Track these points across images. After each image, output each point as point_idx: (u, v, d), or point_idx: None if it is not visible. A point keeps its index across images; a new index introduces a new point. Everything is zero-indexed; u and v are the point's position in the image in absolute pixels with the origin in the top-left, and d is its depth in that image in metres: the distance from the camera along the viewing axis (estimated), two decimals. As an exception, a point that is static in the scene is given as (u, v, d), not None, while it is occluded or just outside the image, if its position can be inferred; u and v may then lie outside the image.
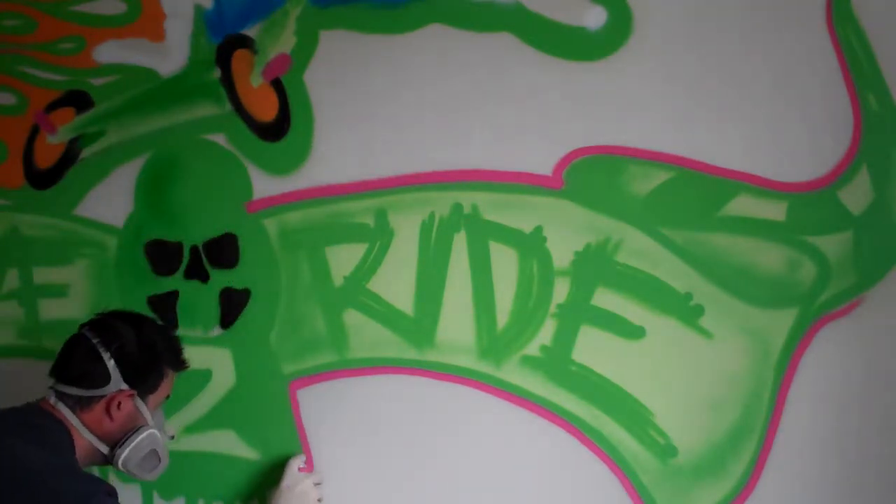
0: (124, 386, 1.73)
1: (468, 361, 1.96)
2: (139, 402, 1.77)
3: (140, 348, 1.77)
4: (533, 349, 1.94)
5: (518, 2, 1.90)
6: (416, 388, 1.99)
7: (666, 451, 1.91)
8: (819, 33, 1.82)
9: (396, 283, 1.98)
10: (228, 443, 2.04)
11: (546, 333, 1.94)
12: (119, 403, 1.73)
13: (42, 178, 2.11)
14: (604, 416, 1.92)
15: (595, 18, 1.88)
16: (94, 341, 1.74)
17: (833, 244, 1.85)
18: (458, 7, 1.92)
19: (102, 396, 1.72)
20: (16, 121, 2.11)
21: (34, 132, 2.11)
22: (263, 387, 2.04)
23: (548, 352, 1.94)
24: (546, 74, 1.90)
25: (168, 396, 1.86)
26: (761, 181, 1.86)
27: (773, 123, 1.85)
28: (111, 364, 1.72)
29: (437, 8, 1.93)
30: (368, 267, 1.99)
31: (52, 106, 2.10)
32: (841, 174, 1.84)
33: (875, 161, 1.83)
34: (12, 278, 2.13)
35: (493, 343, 1.96)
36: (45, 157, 2.10)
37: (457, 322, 1.96)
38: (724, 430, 1.89)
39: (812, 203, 1.85)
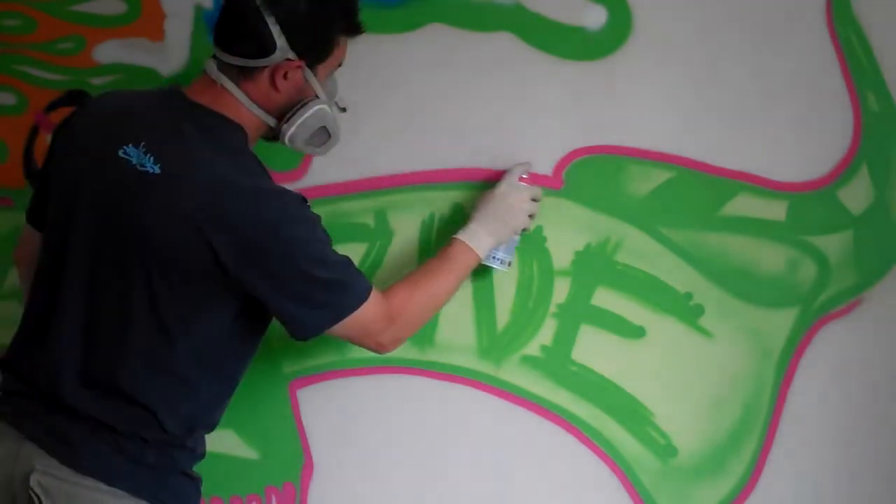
0: (291, 55, 1.53)
1: (468, 361, 1.96)
2: (308, 72, 1.57)
3: (310, 13, 1.53)
4: (533, 349, 1.94)
5: (518, 2, 1.90)
6: (416, 387, 1.99)
7: (666, 451, 1.91)
8: (819, 33, 1.82)
9: (396, 283, 1.98)
10: (228, 442, 2.04)
11: (546, 333, 1.94)
12: (286, 74, 1.54)
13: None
14: (604, 416, 1.92)
15: (595, 18, 1.88)
16: (257, 2, 1.51)
17: (833, 244, 1.85)
18: (458, 7, 1.92)
19: (266, 66, 1.53)
20: (16, 121, 2.11)
21: (34, 132, 2.11)
22: (263, 387, 2.04)
23: (548, 351, 1.93)
24: (546, 74, 1.90)
25: (340, 64, 1.66)
26: (761, 181, 1.86)
27: (773, 123, 1.85)
28: (276, 30, 1.50)
29: (437, 8, 1.93)
30: (368, 267, 1.99)
31: (52, 106, 2.10)
32: (841, 174, 1.84)
33: (875, 161, 1.83)
34: (12, 278, 2.13)
35: (493, 343, 1.96)
36: (45, 157, 2.10)
37: (457, 322, 1.96)
38: (725, 429, 1.89)
39: (812, 203, 1.85)
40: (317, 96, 1.60)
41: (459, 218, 1.93)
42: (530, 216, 1.81)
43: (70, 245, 1.55)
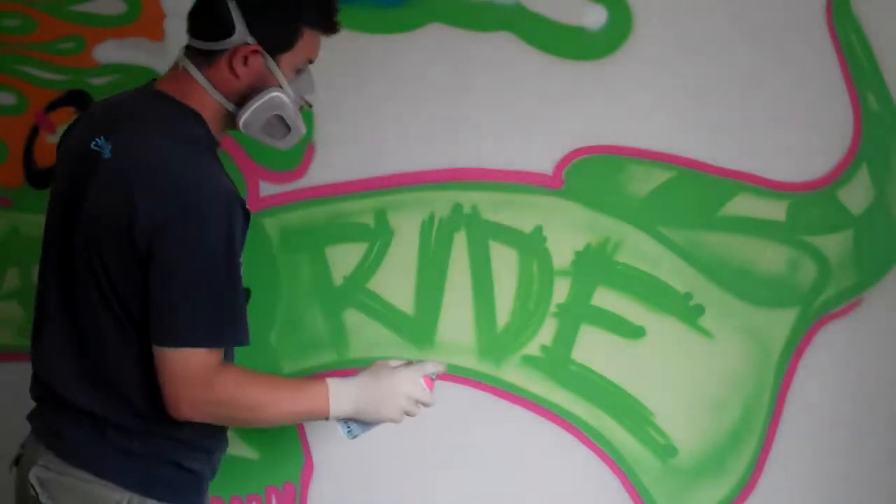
0: (250, 39, 1.50)
1: (468, 361, 1.96)
2: (269, 60, 1.53)
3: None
4: (533, 349, 1.94)
5: (518, 2, 1.90)
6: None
7: (666, 450, 1.91)
8: (819, 33, 1.82)
9: (396, 283, 1.98)
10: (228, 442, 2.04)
11: (546, 333, 1.94)
12: (245, 59, 1.51)
13: (42, 178, 2.10)
14: (604, 416, 1.92)
15: (595, 18, 1.88)
16: None
17: (833, 244, 1.85)
18: (458, 7, 1.92)
19: (226, 50, 1.51)
20: (16, 121, 2.11)
21: (34, 132, 2.11)
22: (263, 387, 2.03)
23: (548, 351, 1.94)
24: (546, 74, 1.90)
25: (311, 61, 1.61)
26: (761, 181, 1.86)
27: (773, 123, 1.85)
28: (237, 14, 1.49)
29: (437, 8, 1.93)
30: (368, 267, 1.99)
31: (52, 106, 2.10)
32: (841, 174, 1.84)
33: (875, 161, 1.83)
34: (12, 278, 2.13)
35: (493, 343, 1.96)
36: (45, 157, 2.10)
37: (457, 322, 1.96)
38: (725, 429, 1.89)
39: (812, 203, 1.85)
40: (279, 86, 1.56)
41: (459, 218, 1.93)
42: (406, 413, 1.61)
43: (46, 242, 1.57)
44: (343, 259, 2.00)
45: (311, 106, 1.65)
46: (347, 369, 2.00)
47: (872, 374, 1.85)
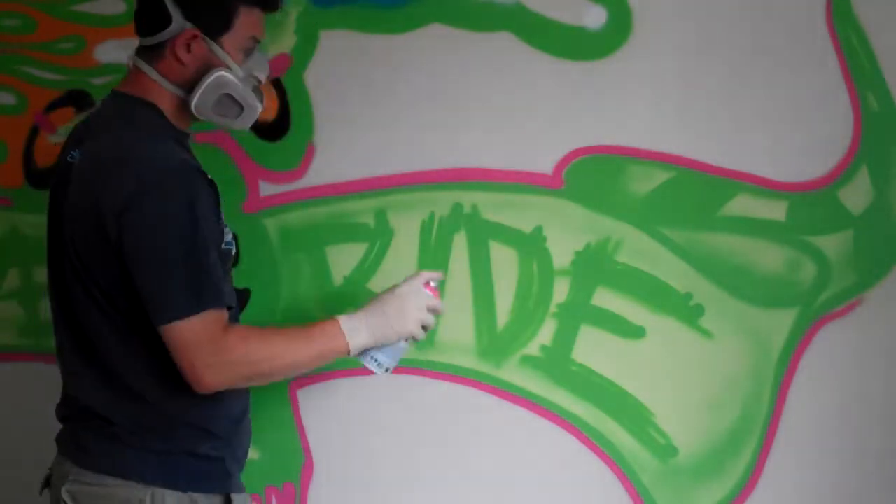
0: (188, 25, 1.54)
1: (468, 361, 1.96)
2: (211, 44, 1.56)
3: None
4: (533, 349, 1.94)
5: (518, 2, 1.90)
6: (416, 387, 1.98)
7: (666, 451, 1.91)
8: (819, 33, 1.82)
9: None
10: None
11: (546, 333, 1.94)
12: (188, 46, 1.55)
13: (42, 178, 2.10)
14: (604, 416, 1.92)
15: (595, 18, 1.88)
16: None
17: (833, 244, 1.85)
18: (458, 7, 1.92)
19: (168, 40, 1.55)
20: (16, 121, 2.11)
21: (34, 132, 2.11)
22: (263, 387, 2.03)
23: (548, 352, 1.94)
24: (546, 74, 1.90)
25: (257, 39, 1.62)
26: (761, 181, 1.86)
27: (773, 123, 1.85)
28: (171, 3, 1.53)
29: (437, 8, 1.93)
30: (368, 267, 1.99)
31: (52, 106, 2.10)
32: (841, 174, 1.84)
33: (875, 161, 1.83)
34: (12, 278, 2.13)
35: (493, 343, 1.96)
36: (45, 157, 2.10)
37: (457, 322, 1.96)
38: (725, 429, 1.89)
39: (812, 203, 1.85)
40: (226, 67, 1.58)
41: (459, 218, 1.93)
42: (424, 328, 1.61)
43: (48, 261, 1.63)
44: (343, 259, 2.00)
45: (260, 82, 1.65)
46: (348, 369, 2.00)
47: (872, 374, 1.85)
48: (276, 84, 2.00)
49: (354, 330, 1.55)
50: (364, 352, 1.57)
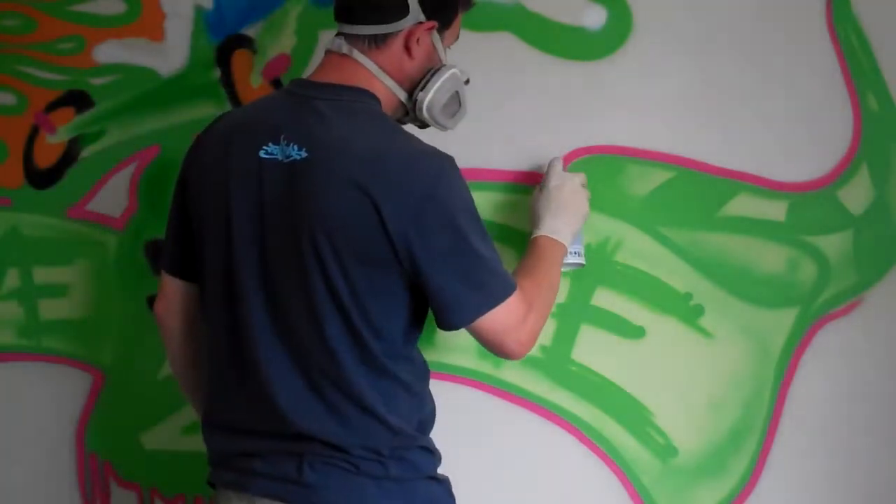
0: (423, 17, 1.48)
1: (468, 361, 1.96)
2: (436, 38, 1.52)
3: None
4: (533, 349, 1.94)
5: (518, 2, 1.90)
6: (416, 387, 1.98)
7: (666, 451, 1.91)
8: (819, 33, 1.82)
9: (396, 283, 1.97)
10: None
11: (546, 333, 1.93)
12: (419, 39, 1.48)
13: (42, 178, 2.10)
14: (604, 416, 1.92)
15: (595, 18, 1.88)
16: None
17: (833, 244, 1.85)
18: (458, 7, 1.92)
19: (399, 31, 1.48)
20: (16, 121, 2.11)
21: (34, 132, 2.11)
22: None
23: (548, 352, 1.93)
24: (546, 74, 1.90)
25: (457, 38, 1.61)
26: (761, 181, 1.86)
27: (773, 123, 1.85)
28: None
29: (437, 8, 1.93)
30: (368, 267, 1.98)
31: (52, 106, 2.10)
32: (841, 174, 1.84)
33: (875, 161, 1.83)
34: (12, 278, 2.13)
35: (493, 343, 1.95)
36: (45, 157, 2.10)
37: (457, 322, 1.95)
38: (725, 429, 1.89)
39: (812, 203, 1.85)
40: (446, 63, 1.55)
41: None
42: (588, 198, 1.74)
43: (237, 270, 1.46)
44: (343, 259, 2.00)
45: (468, 81, 1.63)
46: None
47: (872, 374, 1.85)
48: (276, 84, 2.00)
49: (557, 232, 1.66)
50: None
